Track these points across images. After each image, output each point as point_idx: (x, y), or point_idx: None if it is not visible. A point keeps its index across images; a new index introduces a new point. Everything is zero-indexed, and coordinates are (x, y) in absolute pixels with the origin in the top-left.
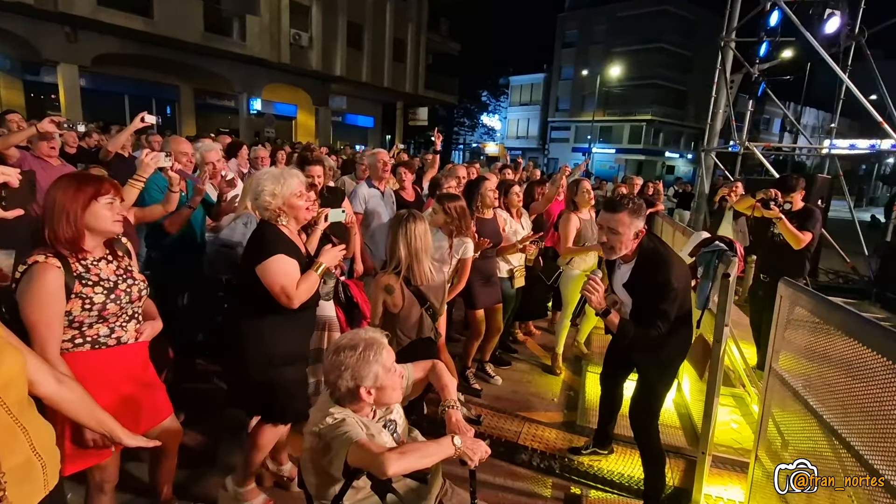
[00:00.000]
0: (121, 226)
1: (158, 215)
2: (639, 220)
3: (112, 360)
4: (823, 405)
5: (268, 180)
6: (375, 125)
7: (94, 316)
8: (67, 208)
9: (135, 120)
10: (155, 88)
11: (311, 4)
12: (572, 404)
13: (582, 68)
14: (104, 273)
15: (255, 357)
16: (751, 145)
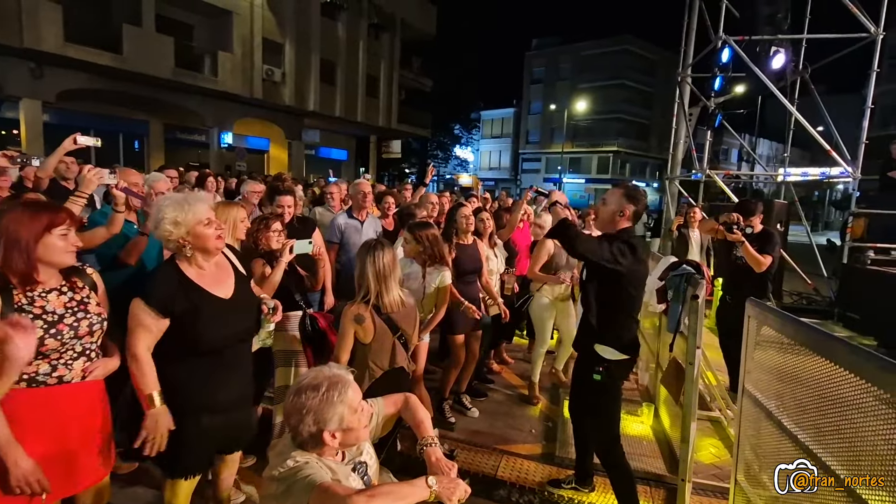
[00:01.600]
0: (73, 257)
1: (101, 239)
2: (628, 204)
3: (51, 401)
4: (796, 424)
5: (169, 206)
6: (349, 158)
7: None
8: (20, 239)
9: (65, 142)
10: (123, 123)
11: (285, 42)
12: (551, 435)
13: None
14: (50, 305)
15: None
16: (712, 173)
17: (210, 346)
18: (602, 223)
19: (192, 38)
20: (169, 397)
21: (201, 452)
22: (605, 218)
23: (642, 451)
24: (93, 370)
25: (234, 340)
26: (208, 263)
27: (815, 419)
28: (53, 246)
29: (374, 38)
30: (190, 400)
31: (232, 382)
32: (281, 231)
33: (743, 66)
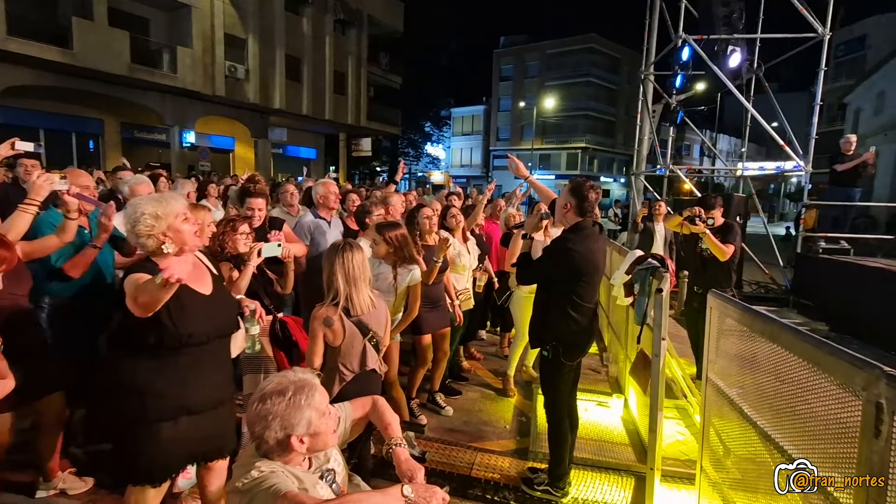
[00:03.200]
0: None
1: (54, 248)
2: (571, 198)
3: None
4: (756, 410)
5: (146, 203)
6: (318, 156)
7: None
8: None
9: (2, 146)
10: (75, 122)
11: (248, 37)
12: (525, 430)
13: (519, 100)
14: None
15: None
16: (675, 168)
17: (194, 339)
18: (557, 216)
19: (148, 33)
20: (142, 397)
21: (174, 455)
22: (557, 212)
23: (613, 441)
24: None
25: (215, 335)
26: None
27: (772, 404)
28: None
29: (340, 33)
30: (166, 399)
31: (211, 383)
32: (249, 234)
33: (702, 64)
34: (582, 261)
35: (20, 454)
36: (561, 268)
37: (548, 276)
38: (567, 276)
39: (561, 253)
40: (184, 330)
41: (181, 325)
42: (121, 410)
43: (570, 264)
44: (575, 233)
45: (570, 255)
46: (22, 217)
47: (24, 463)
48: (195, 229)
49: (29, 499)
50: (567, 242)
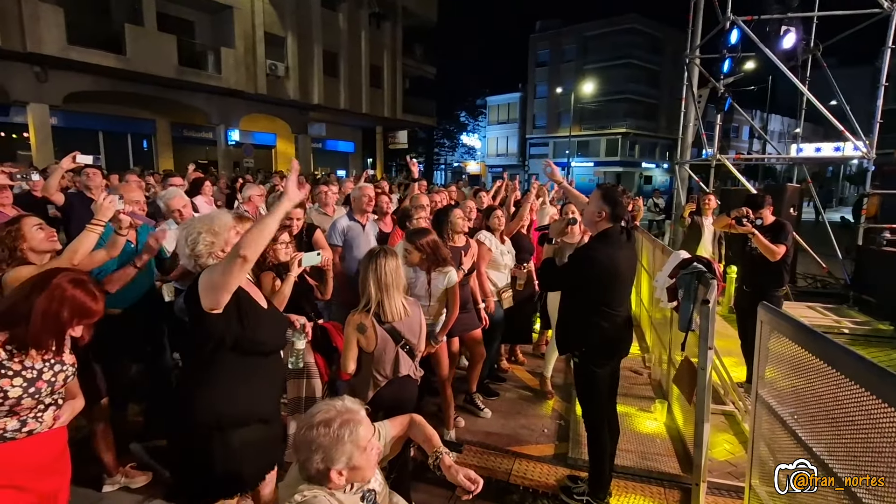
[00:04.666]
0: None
1: (101, 262)
2: (605, 205)
3: (19, 455)
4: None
5: (200, 223)
6: (356, 150)
7: (4, 410)
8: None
9: (65, 160)
10: (130, 123)
11: (287, 35)
12: (563, 434)
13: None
14: (30, 360)
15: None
16: (722, 158)
17: (265, 347)
18: (586, 223)
19: (193, 35)
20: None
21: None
22: (588, 219)
23: (656, 449)
24: (60, 416)
25: (275, 347)
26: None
27: (828, 430)
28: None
29: (375, 27)
30: (240, 406)
31: (273, 392)
32: (288, 243)
33: (753, 45)
34: (603, 269)
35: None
36: (582, 275)
37: (569, 283)
38: (589, 284)
39: (582, 261)
40: (257, 336)
41: (255, 332)
42: (198, 421)
43: (592, 272)
44: (600, 240)
45: (591, 262)
46: (90, 237)
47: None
48: None
49: (96, 492)
50: (589, 250)
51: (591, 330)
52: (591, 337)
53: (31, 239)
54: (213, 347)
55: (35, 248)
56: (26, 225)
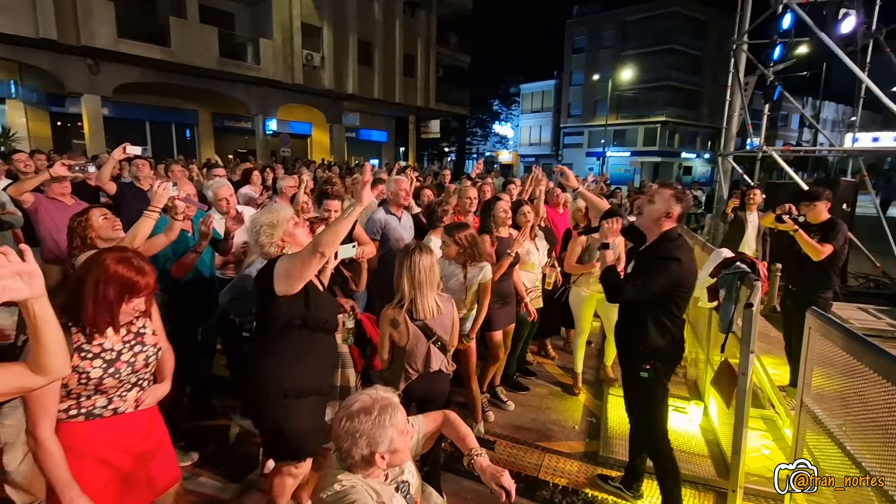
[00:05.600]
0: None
1: (161, 246)
2: (676, 206)
3: (107, 432)
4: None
5: (262, 216)
6: (389, 139)
7: (91, 389)
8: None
9: (116, 151)
10: (174, 114)
11: (323, 25)
12: (594, 432)
13: (592, 73)
14: (109, 342)
15: (267, 391)
16: (769, 149)
17: (327, 325)
18: (647, 221)
19: (233, 27)
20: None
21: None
22: (652, 217)
23: (690, 451)
24: (144, 400)
25: (333, 326)
26: None
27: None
28: (130, 310)
29: (409, 15)
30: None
31: (328, 370)
32: None
33: (807, 30)
34: (686, 272)
35: None
36: (668, 282)
37: (656, 291)
38: (670, 289)
39: (669, 265)
40: (320, 315)
41: (319, 311)
42: (265, 391)
43: (678, 276)
44: (672, 241)
45: (678, 266)
46: (147, 223)
47: None
48: (307, 230)
49: None
50: (672, 253)
51: (664, 339)
52: (664, 347)
53: (98, 228)
54: (281, 326)
55: (102, 236)
56: (94, 215)
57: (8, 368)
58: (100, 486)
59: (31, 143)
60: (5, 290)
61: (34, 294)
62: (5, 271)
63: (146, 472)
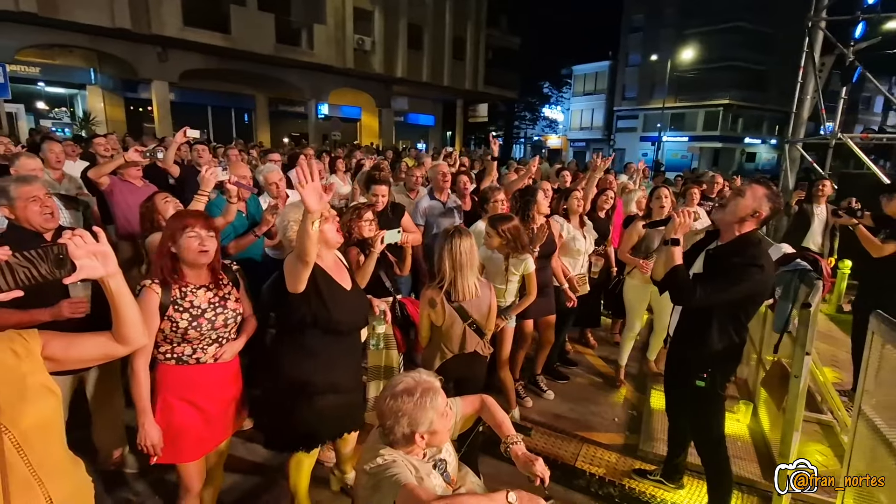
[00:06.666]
0: (207, 256)
1: (220, 227)
2: (767, 206)
3: (190, 377)
4: None
5: (290, 211)
6: (436, 123)
7: (179, 337)
8: (164, 243)
9: (177, 135)
10: (233, 99)
11: (374, 9)
12: (635, 426)
13: (651, 53)
14: (198, 301)
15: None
16: (844, 136)
17: (341, 326)
18: (729, 216)
19: (289, 13)
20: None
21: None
22: (737, 214)
23: (736, 451)
24: (221, 355)
25: (354, 327)
26: (329, 257)
27: None
28: (187, 246)
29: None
30: (317, 377)
31: (351, 368)
32: (372, 220)
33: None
34: (767, 281)
35: None
36: (748, 290)
37: (733, 300)
38: (746, 298)
39: (751, 272)
40: (335, 316)
41: (333, 312)
42: (282, 384)
43: (758, 285)
44: (755, 245)
45: (760, 274)
46: (197, 206)
47: None
48: (336, 227)
49: None
50: (755, 259)
51: (727, 350)
52: (725, 358)
53: (162, 210)
54: (297, 322)
55: (166, 217)
56: (158, 200)
57: (96, 338)
58: (180, 421)
59: (108, 127)
60: (82, 269)
61: (108, 272)
62: (81, 251)
63: (217, 420)
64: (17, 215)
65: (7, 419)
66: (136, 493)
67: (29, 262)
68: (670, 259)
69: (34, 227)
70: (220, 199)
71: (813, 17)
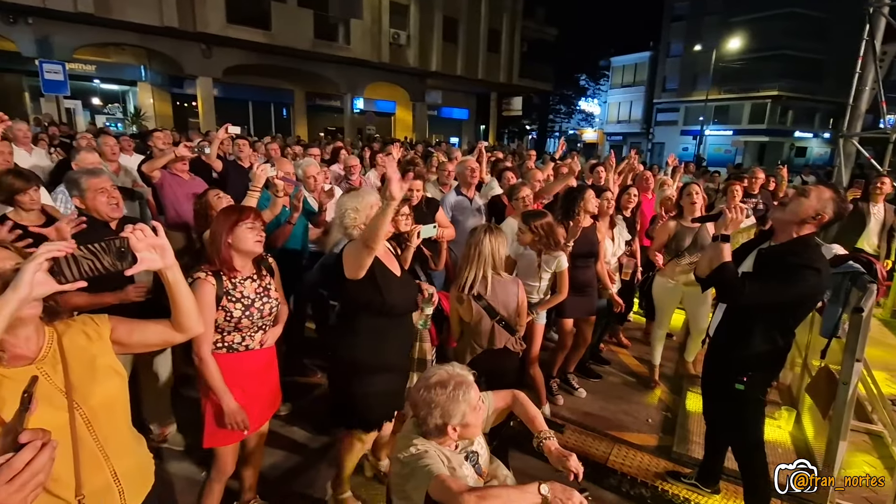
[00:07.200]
0: (261, 246)
1: (268, 220)
2: (832, 211)
3: (241, 363)
4: None
5: (348, 200)
6: (470, 117)
7: (232, 326)
8: (218, 234)
9: (220, 131)
10: (273, 94)
11: (410, 3)
12: (669, 428)
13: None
14: (247, 291)
15: (340, 366)
16: None
17: (395, 310)
18: (789, 215)
19: (327, 9)
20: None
21: (380, 406)
22: (798, 215)
23: (776, 458)
24: (265, 340)
25: (405, 311)
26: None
27: None
28: (244, 238)
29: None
30: (373, 356)
31: (401, 349)
32: (408, 214)
33: None
34: (821, 286)
35: None
36: (802, 293)
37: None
38: (798, 301)
39: (807, 275)
40: (389, 300)
41: (387, 296)
42: (339, 366)
43: (813, 289)
44: (813, 248)
45: (816, 278)
46: (250, 201)
47: None
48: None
49: None
50: (812, 262)
51: (770, 354)
52: (767, 361)
53: (216, 206)
54: (353, 307)
55: None
56: (212, 196)
57: (157, 325)
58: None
59: (156, 121)
60: (142, 261)
61: (166, 264)
62: (142, 245)
63: (264, 400)
64: (86, 205)
65: (79, 396)
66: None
67: (93, 255)
68: (718, 255)
69: (102, 216)
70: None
71: (874, 1)
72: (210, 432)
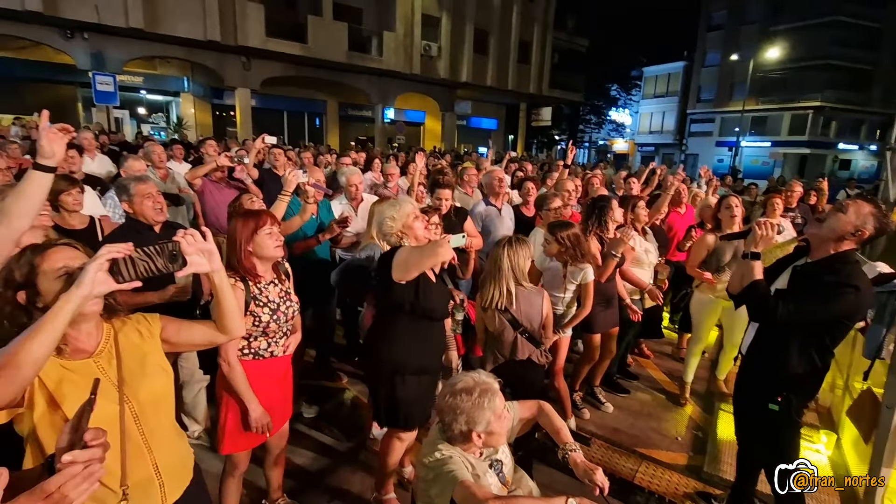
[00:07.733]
0: (282, 250)
1: (297, 226)
2: (872, 227)
3: (265, 370)
4: None
5: (388, 208)
6: (499, 126)
7: (259, 331)
8: (238, 241)
9: (256, 142)
10: (307, 104)
11: (441, 15)
12: (700, 446)
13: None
14: (271, 295)
15: (381, 367)
16: None
17: (434, 314)
18: (826, 231)
19: (361, 22)
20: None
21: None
22: (836, 229)
23: None
24: (288, 346)
25: (441, 315)
26: None
27: None
28: (265, 244)
29: (528, 0)
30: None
31: (437, 352)
32: (438, 224)
33: None
34: (861, 304)
35: None
36: (840, 311)
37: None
38: (835, 320)
39: (845, 293)
40: (428, 304)
41: (426, 301)
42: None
43: (852, 307)
44: (852, 264)
45: (855, 296)
46: (280, 205)
47: None
48: (425, 225)
49: None
50: (851, 279)
51: (807, 374)
52: (803, 382)
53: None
54: (395, 309)
55: None
56: (245, 200)
57: (202, 326)
58: None
59: (197, 130)
60: (192, 264)
61: (213, 268)
62: (192, 249)
63: (283, 404)
64: (134, 210)
65: (130, 391)
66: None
67: (148, 257)
68: (749, 273)
69: (147, 220)
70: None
71: None
72: (230, 438)
